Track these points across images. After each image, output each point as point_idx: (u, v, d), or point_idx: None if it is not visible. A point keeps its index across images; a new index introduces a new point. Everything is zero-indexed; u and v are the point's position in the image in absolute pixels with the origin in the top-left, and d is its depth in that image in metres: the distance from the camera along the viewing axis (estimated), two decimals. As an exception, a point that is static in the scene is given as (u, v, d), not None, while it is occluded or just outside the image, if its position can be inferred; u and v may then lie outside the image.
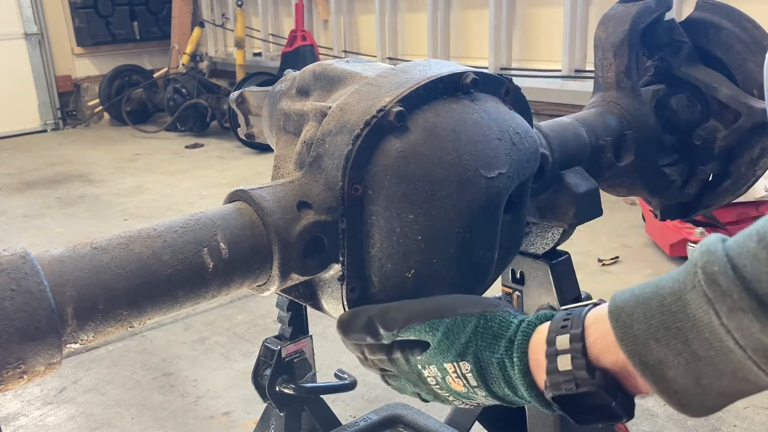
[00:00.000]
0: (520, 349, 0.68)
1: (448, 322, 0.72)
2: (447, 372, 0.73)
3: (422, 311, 0.75)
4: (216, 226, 0.75)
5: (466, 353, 0.71)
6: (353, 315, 0.78)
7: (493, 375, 0.70)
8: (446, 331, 0.72)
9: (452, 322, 0.72)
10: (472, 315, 0.72)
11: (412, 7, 5.27)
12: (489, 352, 0.70)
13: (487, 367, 0.70)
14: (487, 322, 0.71)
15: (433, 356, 0.73)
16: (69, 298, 0.64)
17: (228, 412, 2.14)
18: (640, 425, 1.98)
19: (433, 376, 0.74)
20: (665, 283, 0.59)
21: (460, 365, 0.71)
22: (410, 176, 0.78)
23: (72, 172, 5.36)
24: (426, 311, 0.74)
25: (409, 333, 0.74)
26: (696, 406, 0.61)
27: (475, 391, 0.72)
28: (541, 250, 1.16)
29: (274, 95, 1.00)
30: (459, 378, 0.72)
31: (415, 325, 0.74)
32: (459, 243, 0.82)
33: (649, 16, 1.26)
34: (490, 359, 0.69)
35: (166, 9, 7.51)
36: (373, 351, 0.78)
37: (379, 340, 0.76)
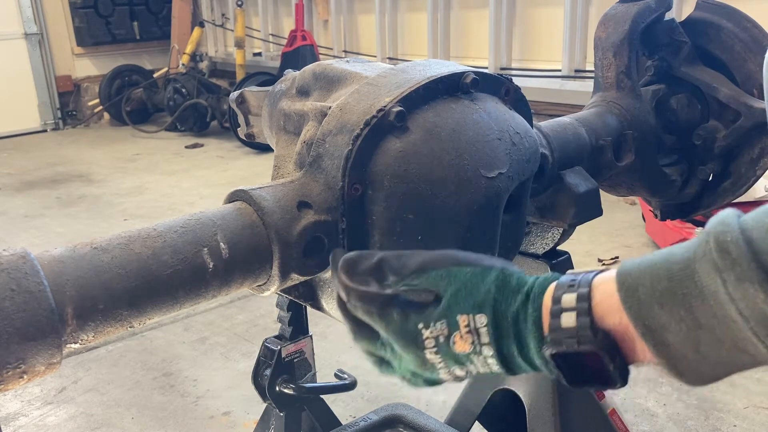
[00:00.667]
0: (536, 302, 0.67)
1: (469, 270, 0.69)
2: (458, 326, 0.68)
3: (440, 259, 0.71)
4: (216, 226, 0.75)
5: (485, 305, 0.68)
6: (362, 255, 0.72)
7: (506, 330, 0.67)
8: (467, 281, 0.69)
9: (473, 272, 0.69)
10: (493, 268, 0.70)
11: (412, 7, 5.27)
12: (506, 305, 0.68)
13: (502, 320, 0.67)
14: (506, 277, 0.69)
15: (446, 308, 0.69)
16: (69, 298, 0.64)
17: (228, 412, 2.14)
18: (640, 425, 1.98)
19: (434, 337, 0.69)
20: (676, 251, 0.60)
21: (475, 318, 0.67)
22: (410, 176, 0.78)
23: (72, 172, 5.36)
24: (445, 259, 0.71)
25: (422, 280, 0.70)
26: (693, 373, 0.61)
27: (482, 350, 0.68)
28: (541, 250, 1.16)
29: (274, 95, 1.00)
30: (470, 333, 0.68)
31: (431, 271, 0.70)
32: (459, 243, 0.82)
33: (649, 16, 1.26)
34: (506, 312, 0.67)
35: (166, 9, 7.51)
36: (366, 300, 0.72)
37: (384, 287, 0.71)
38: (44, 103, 7.14)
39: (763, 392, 2.10)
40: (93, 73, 7.44)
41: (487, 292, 0.68)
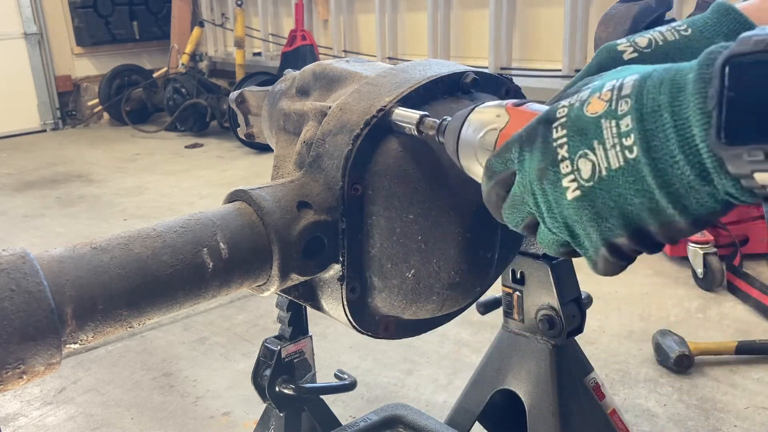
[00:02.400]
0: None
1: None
2: (601, 89, 0.55)
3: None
4: (216, 226, 0.74)
5: (638, 71, 0.54)
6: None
7: (656, 78, 0.52)
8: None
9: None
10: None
11: (412, 6, 5.27)
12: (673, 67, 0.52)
13: (654, 73, 0.53)
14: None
15: (599, 79, 0.58)
16: (68, 299, 0.64)
17: (228, 412, 2.14)
18: (640, 425, 1.98)
19: (569, 104, 0.57)
20: None
21: (624, 79, 0.54)
22: (410, 176, 0.78)
23: (72, 172, 5.36)
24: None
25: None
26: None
27: (618, 106, 0.53)
28: (541, 250, 1.16)
29: (273, 95, 1.00)
30: (611, 91, 0.54)
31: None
32: (459, 243, 0.82)
33: (649, 15, 1.26)
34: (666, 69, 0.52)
35: (165, 9, 7.51)
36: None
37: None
38: (44, 103, 7.14)
39: (763, 392, 2.10)
40: (92, 72, 7.44)
41: (659, 66, 0.54)
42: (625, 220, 0.53)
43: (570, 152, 0.55)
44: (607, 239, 0.55)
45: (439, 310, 0.87)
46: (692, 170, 0.49)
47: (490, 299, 1.32)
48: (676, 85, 0.50)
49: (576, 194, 0.55)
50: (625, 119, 0.52)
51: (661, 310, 2.65)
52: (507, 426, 1.34)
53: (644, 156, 0.51)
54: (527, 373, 1.22)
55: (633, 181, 0.52)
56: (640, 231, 0.54)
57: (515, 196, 0.61)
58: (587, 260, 0.58)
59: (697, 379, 2.19)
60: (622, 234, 0.54)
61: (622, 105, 0.52)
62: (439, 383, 2.25)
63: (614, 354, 2.35)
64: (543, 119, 0.58)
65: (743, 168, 0.46)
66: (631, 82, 0.53)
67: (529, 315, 1.20)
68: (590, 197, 0.54)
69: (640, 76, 0.53)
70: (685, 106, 0.49)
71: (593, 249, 0.57)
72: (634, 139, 0.51)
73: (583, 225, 0.56)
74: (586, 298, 1.24)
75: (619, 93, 0.53)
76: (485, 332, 2.51)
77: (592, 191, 0.54)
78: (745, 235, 2.93)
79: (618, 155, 0.52)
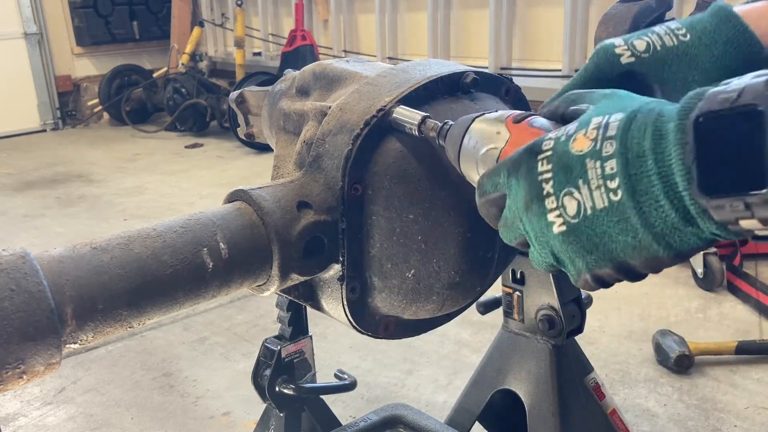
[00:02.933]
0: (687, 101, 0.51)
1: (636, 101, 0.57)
2: (587, 125, 0.57)
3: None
4: (216, 226, 0.74)
5: (629, 109, 0.56)
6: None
7: (639, 122, 0.53)
8: (625, 98, 0.59)
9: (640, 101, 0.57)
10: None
11: (412, 6, 5.27)
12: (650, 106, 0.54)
13: (637, 114, 0.54)
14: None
15: (584, 115, 0.59)
16: (68, 299, 0.64)
17: (228, 412, 2.14)
18: (640, 425, 1.98)
19: (555, 137, 0.59)
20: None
21: (610, 117, 0.56)
22: (410, 176, 0.78)
23: (72, 172, 5.36)
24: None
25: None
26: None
27: (603, 147, 0.54)
28: (541, 250, 1.16)
29: (273, 95, 1.00)
30: (596, 129, 0.56)
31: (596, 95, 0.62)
32: (459, 243, 0.82)
33: (649, 15, 1.26)
34: (646, 109, 0.54)
35: (165, 8, 7.51)
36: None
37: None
38: (44, 103, 7.14)
39: (763, 392, 2.10)
40: (92, 72, 7.44)
41: (643, 103, 0.56)
42: (610, 255, 0.56)
43: (555, 188, 0.57)
44: (592, 270, 0.58)
45: (439, 310, 0.87)
46: (677, 214, 0.51)
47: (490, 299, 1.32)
48: (658, 132, 0.52)
49: (562, 229, 0.57)
50: (610, 162, 0.53)
51: (661, 310, 2.65)
52: (507, 426, 1.34)
53: (629, 199, 0.52)
54: (527, 373, 1.22)
55: (617, 221, 0.54)
56: (624, 264, 0.56)
57: (506, 218, 0.63)
58: (571, 278, 0.61)
59: (697, 379, 2.19)
60: (607, 266, 0.56)
61: (606, 147, 0.54)
62: (439, 383, 2.25)
63: (614, 354, 2.35)
64: (529, 149, 0.60)
65: (728, 216, 0.48)
66: (616, 123, 0.55)
67: (529, 315, 1.20)
68: (576, 233, 0.56)
69: (626, 117, 0.55)
70: (667, 154, 0.51)
71: (577, 274, 0.59)
72: (619, 183, 0.53)
73: (568, 255, 0.58)
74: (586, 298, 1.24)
75: (605, 133, 0.55)
76: (485, 332, 2.51)
77: (578, 228, 0.56)
78: (745, 235, 2.92)
79: (603, 196, 0.54)
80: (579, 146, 0.56)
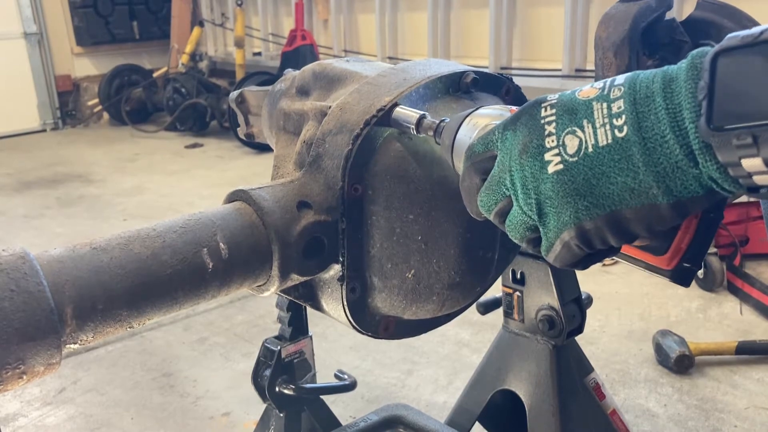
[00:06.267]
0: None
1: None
2: (594, 84, 0.57)
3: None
4: (216, 226, 0.74)
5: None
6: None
7: (648, 75, 0.54)
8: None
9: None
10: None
11: (412, 6, 5.27)
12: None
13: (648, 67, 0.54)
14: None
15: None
16: (68, 299, 0.64)
17: (228, 412, 2.14)
18: (640, 425, 1.98)
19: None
20: None
21: (615, 79, 0.56)
22: (410, 176, 0.78)
23: (71, 172, 5.35)
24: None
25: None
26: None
27: (611, 92, 0.54)
28: (541, 250, 1.16)
29: (273, 95, 1.00)
30: (604, 83, 0.56)
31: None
32: (459, 243, 0.82)
33: (649, 15, 1.26)
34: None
35: (165, 8, 7.51)
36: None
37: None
38: (43, 102, 7.13)
39: (764, 392, 2.10)
40: (92, 72, 7.44)
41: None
42: (604, 199, 0.54)
43: (557, 129, 0.56)
44: (580, 220, 0.55)
45: (439, 310, 0.86)
46: (681, 150, 0.50)
47: (490, 299, 1.32)
48: (668, 76, 0.52)
49: (558, 168, 0.55)
50: (618, 102, 0.53)
51: (661, 310, 2.65)
52: (507, 426, 1.34)
53: (635, 134, 0.52)
54: (527, 373, 1.22)
55: (619, 159, 0.53)
56: (616, 216, 0.54)
57: (493, 177, 0.61)
58: (544, 244, 0.58)
59: (698, 380, 2.19)
60: (598, 215, 0.54)
61: (614, 91, 0.54)
62: (439, 383, 2.25)
63: (614, 354, 2.35)
64: (533, 102, 0.59)
65: (731, 155, 0.47)
66: (623, 78, 0.55)
67: (529, 315, 1.20)
68: (572, 172, 0.55)
69: (632, 74, 0.55)
70: (677, 92, 0.51)
71: (557, 230, 0.56)
72: (626, 119, 0.52)
73: (556, 202, 0.56)
74: (586, 298, 1.24)
75: (612, 82, 0.55)
76: (485, 332, 2.51)
77: (575, 166, 0.55)
78: (745, 235, 2.92)
79: (607, 133, 0.53)
80: (586, 94, 0.56)
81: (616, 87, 0.54)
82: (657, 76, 0.53)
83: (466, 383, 1.36)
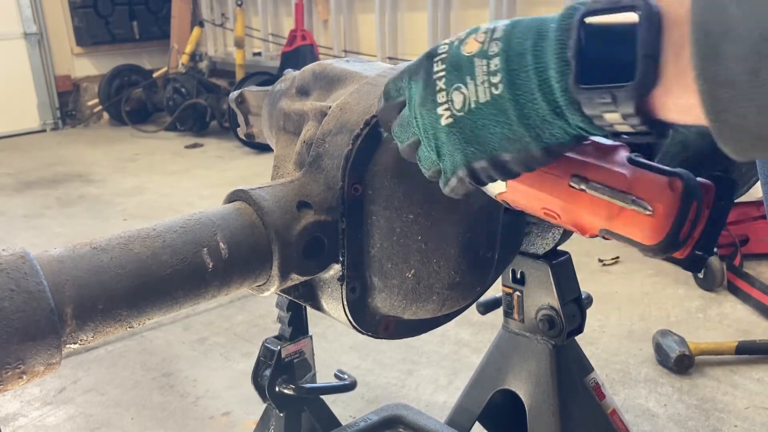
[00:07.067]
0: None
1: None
2: (478, 30, 0.62)
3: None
4: (215, 226, 0.74)
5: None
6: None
7: (524, 25, 0.58)
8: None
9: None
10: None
11: (412, 6, 5.27)
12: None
13: (522, 22, 0.59)
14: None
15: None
16: (68, 298, 0.64)
17: (228, 412, 2.14)
18: (640, 425, 1.98)
19: (449, 41, 0.63)
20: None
21: (498, 23, 0.60)
22: (410, 176, 0.78)
23: (71, 172, 5.35)
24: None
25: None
26: (739, 131, 0.45)
27: (490, 47, 0.59)
28: (541, 250, 1.16)
29: (273, 95, 1.00)
30: (486, 33, 0.60)
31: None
32: (459, 243, 0.82)
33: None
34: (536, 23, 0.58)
35: (165, 8, 7.50)
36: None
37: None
38: (43, 103, 7.13)
39: (764, 392, 2.10)
40: (92, 72, 7.44)
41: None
42: (487, 146, 0.61)
43: (446, 85, 0.62)
44: (470, 162, 0.62)
45: (439, 310, 0.86)
46: (548, 106, 0.56)
47: (490, 299, 1.32)
48: (539, 33, 0.56)
49: (449, 121, 0.62)
50: (495, 59, 0.58)
51: (661, 310, 2.65)
52: (507, 426, 1.34)
53: (508, 92, 0.58)
54: (527, 373, 1.22)
55: (496, 114, 0.59)
56: (498, 158, 0.61)
57: (405, 116, 0.68)
58: (443, 179, 0.67)
59: (698, 379, 2.19)
60: (482, 158, 0.61)
61: (493, 47, 0.59)
62: (439, 383, 2.25)
63: (614, 354, 2.35)
64: (427, 54, 0.65)
65: (595, 109, 0.53)
66: (503, 27, 0.60)
67: (529, 315, 1.20)
68: (460, 125, 0.61)
69: (512, 21, 0.60)
70: (544, 51, 0.55)
71: (452, 168, 0.64)
72: (501, 78, 0.58)
73: (450, 148, 0.63)
74: (586, 298, 1.24)
75: (492, 35, 0.60)
76: (485, 332, 2.51)
77: (462, 120, 0.61)
78: (745, 235, 2.92)
79: (486, 90, 0.59)
80: (470, 48, 0.61)
81: (495, 42, 0.59)
82: (531, 30, 0.57)
83: (466, 383, 1.36)
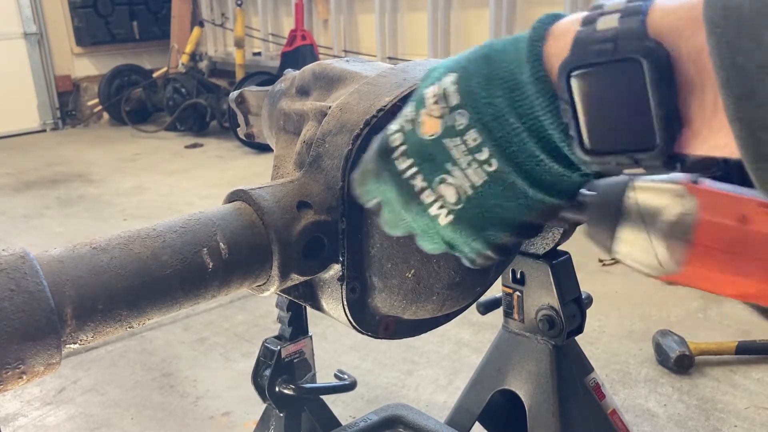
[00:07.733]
0: (536, 33, 0.47)
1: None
2: (423, 103, 0.53)
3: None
4: (215, 226, 0.74)
5: (456, 64, 0.52)
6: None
7: (482, 77, 0.49)
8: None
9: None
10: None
11: (412, 6, 5.27)
12: (493, 50, 0.50)
13: (476, 66, 0.50)
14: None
15: (415, 96, 0.55)
16: (68, 299, 0.64)
17: (228, 412, 2.14)
18: (640, 425, 1.98)
19: (400, 129, 0.55)
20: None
21: (442, 80, 0.52)
22: (410, 176, 0.78)
23: (71, 172, 5.35)
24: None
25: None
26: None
27: (455, 119, 0.50)
28: (541, 250, 1.16)
29: (273, 95, 1.00)
30: (437, 102, 0.51)
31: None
32: (459, 243, 0.82)
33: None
34: (490, 57, 0.50)
35: (165, 8, 7.50)
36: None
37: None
38: (43, 102, 7.13)
39: (763, 392, 2.10)
40: (92, 72, 7.44)
41: (469, 52, 0.52)
42: (506, 223, 0.53)
43: (427, 181, 0.53)
44: (492, 242, 0.55)
45: (439, 310, 0.86)
46: (559, 164, 0.49)
47: (490, 299, 1.32)
48: (507, 84, 0.48)
49: (449, 219, 0.54)
50: (470, 133, 0.50)
51: (661, 310, 2.65)
52: (507, 426, 1.34)
53: (506, 164, 0.49)
54: (527, 373, 1.22)
55: (503, 189, 0.51)
56: (522, 224, 0.53)
57: (390, 220, 0.61)
58: (464, 260, 0.58)
59: (698, 379, 2.19)
60: (505, 234, 0.54)
61: (459, 119, 0.50)
62: (439, 383, 2.25)
63: (614, 354, 2.35)
64: (380, 152, 0.57)
65: (613, 169, 0.47)
66: (453, 88, 0.50)
67: (529, 315, 1.20)
68: (465, 217, 0.53)
69: (458, 76, 0.51)
70: (528, 106, 0.47)
71: (476, 254, 0.56)
72: (489, 152, 0.49)
73: (462, 240, 0.55)
74: (586, 298, 1.24)
75: (448, 104, 0.51)
76: (485, 332, 2.51)
77: (465, 212, 0.53)
78: (745, 235, 2.92)
79: (478, 171, 0.51)
80: (430, 130, 0.52)
81: (457, 112, 0.50)
82: (494, 83, 0.48)
83: (466, 383, 1.36)
